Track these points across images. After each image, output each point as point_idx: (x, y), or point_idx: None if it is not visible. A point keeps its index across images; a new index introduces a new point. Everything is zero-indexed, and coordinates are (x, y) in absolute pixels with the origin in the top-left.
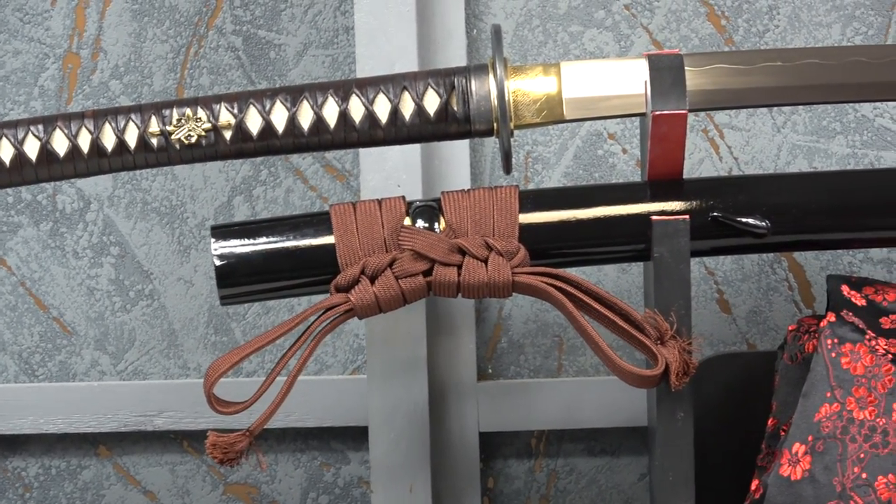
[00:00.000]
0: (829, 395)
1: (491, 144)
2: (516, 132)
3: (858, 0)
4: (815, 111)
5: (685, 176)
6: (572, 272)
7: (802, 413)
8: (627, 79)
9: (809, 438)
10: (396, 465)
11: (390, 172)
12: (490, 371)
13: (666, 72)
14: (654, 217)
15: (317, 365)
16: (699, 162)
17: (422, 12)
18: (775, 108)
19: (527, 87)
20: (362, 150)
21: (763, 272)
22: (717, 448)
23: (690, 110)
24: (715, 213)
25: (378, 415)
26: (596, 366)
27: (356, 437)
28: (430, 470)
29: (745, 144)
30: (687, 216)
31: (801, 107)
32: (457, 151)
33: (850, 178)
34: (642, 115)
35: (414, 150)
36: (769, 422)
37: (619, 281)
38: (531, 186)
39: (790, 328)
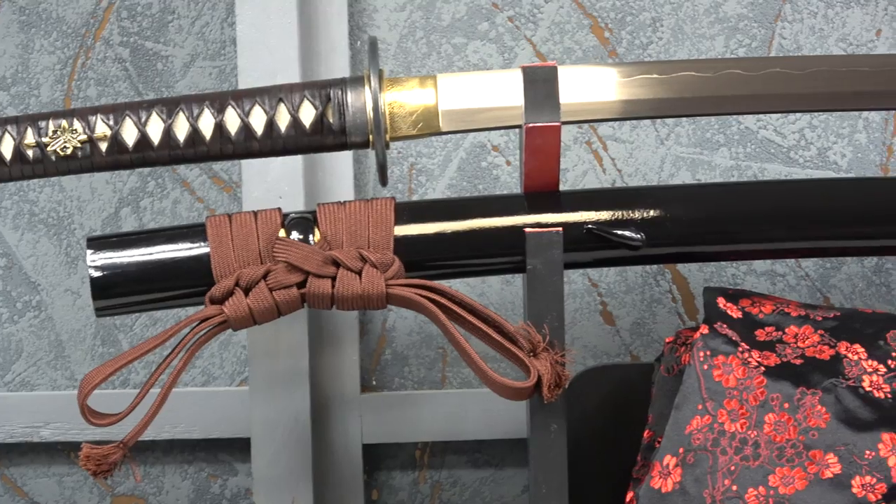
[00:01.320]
0: (700, 407)
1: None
2: (400, 144)
3: (742, 12)
4: (698, 123)
5: (570, 188)
6: (451, 284)
7: (674, 425)
8: (504, 91)
9: (680, 451)
10: (278, 477)
11: (272, 184)
12: (374, 383)
13: (540, 84)
14: (528, 229)
15: (204, 376)
16: (583, 174)
17: (305, 24)
18: (658, 121)
19: (403, 99)
20: (244, 162)
21: (647, 284)
22: (595, 459)
23: (564, 122)
24: (590, 226)
25: (260, 426)
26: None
27: (243, 448)
28: (313, 482)
29: (628, 156)
30: (560, 228)
31: (684, 119)
32: (340, 163)
33: (724, 191)
34: (518, 126)
35: (296, 161)
36: (645, 434)
37: (503, 293)
38: (415, 198)
39: (667, 340)
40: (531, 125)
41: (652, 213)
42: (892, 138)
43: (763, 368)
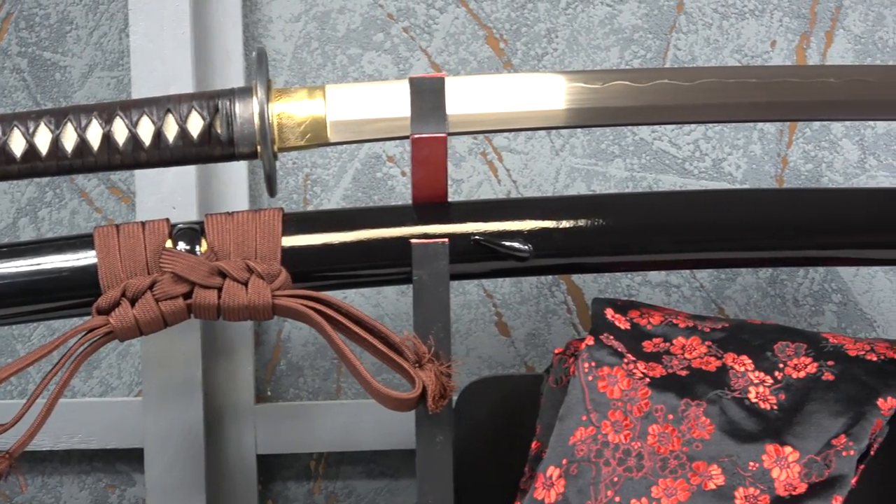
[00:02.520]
0: (584, 418)
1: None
2: (295, 154)
3: (636, 24)
4: (593, 134)
5: (465, 198)
6: (346, 294)
7: (558, 436)
8: (391, 102)
9: (564, 462)
10: (172, 488)
11: (166, 194)
12: (269, 393)
13: (427, 95)
14: (414, 240)
15: (102, 387)
16: (478, 185)
17: (199, 35)
18: (553, 132)
19: (292, 109)
20: (138, 172)
21: (542, 295)
22: (484, 471)
23: (452, 133)
24: (477, 237)
25: (153, 437)
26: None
27: (140, 459)
28: (206, 492)
29: (523, 167)
30: (447, 239)
31: (579, 130)
32: (235, 173)
33: (613, 201)
34: (406, 137)
35: (189, 171)
36: (533, 445)
37: (399, 303)
38: (311, 208)
39: (557, 351)
40: (417, 136)
41: (540, 224)
42: (787, 149)
43: (648, 380)
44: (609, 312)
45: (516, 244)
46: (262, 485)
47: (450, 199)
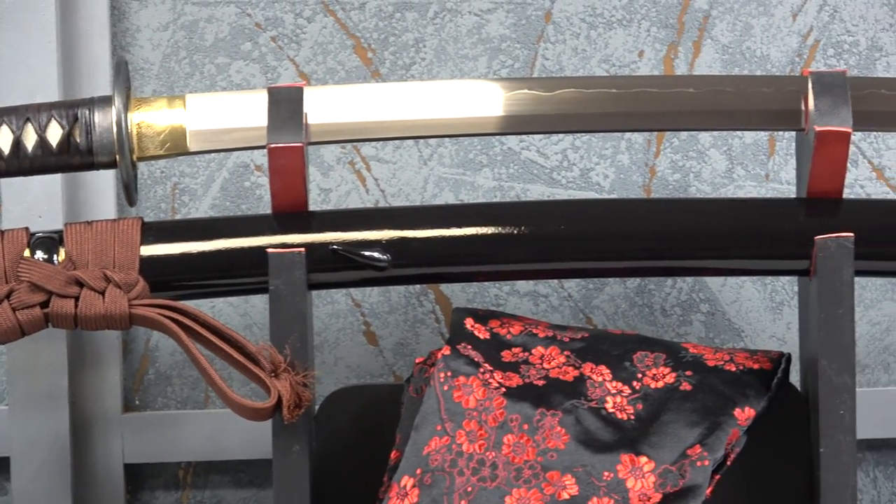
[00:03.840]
0: (439, 428)
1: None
2: (163, 163)
3: (504, 33)
4: (461, 144)
5: (333, 208)
6: (214, 304)
7: (413, 446)
8: (250, 111)
9: (418, 471)
10: (38, 497)
11: (32, 203)
12: (137, 402)
13: (284, 104)
14: (271, 250)
15: None
16: (346, 194)
17: (66, 44)
18: (421, 141)
19: (151, 119)
20: (4, 181)
21: (410, 304)
22: (346, 480)
23: (311, 143)
24: (335, 246)
25: (19, 445)
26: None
27: (7, 467)
28: (73, 501)
29: (391, 177)
30: (303, 249)
31: (447, 139)
32: (102, 182)
33: (472, 211)
34: (264, 147)
35: (56, 180)
36: (392, 454)
37: (266, 313)
38: (179, 218)
39: (417, 361)
40: (274, 146)
41: (399, 233)
42: (655, 159)
43: (504, 389)
44: (469, 322)
45: (375, 254)
46: (129, 494)
47: (317, 209)
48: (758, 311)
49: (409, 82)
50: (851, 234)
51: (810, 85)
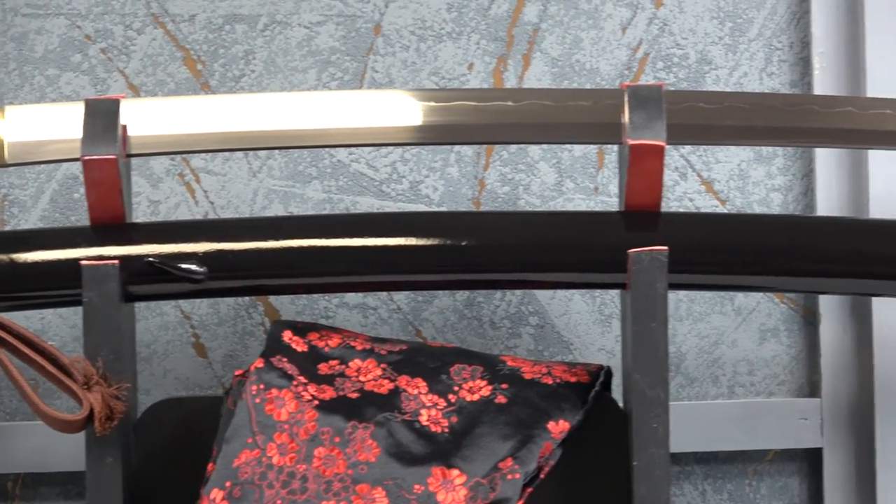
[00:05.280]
0: (250, 440)
1: None
2: None
3: (334, 46)
4: (290, 156)
5: (163, 219)
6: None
7: (224, 458)
8: (68, 123)
9: (227, 484)
10: None
11: None
12: None
13: (100, 117)
14: (84, 262)
15: None
16: (175, 206)
17: None
18: (251, 153)
19: None
20: None
21: (239, 316)
22: (166, 492)
23: (131, 155)
24: (151, 259)
25: None
26: (72, 409)
27: None
28: None
29: (221, 189)
30: (118, 261)
31: (276, 151)
32: None
33: (291, 223)
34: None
35: None
36: (209, 467)
37: None
38: (8, 229)
39: (237, 373)
40: (88, 158)
41: (216, 246)
42: (484, 172)
43: (317, 402)
44: (287, 335)
45: (192, 266)
46: None
47: (143, 220)
48: (586, 324)
49: (233, 95)
50: (665, 248)
51: (626, 98)
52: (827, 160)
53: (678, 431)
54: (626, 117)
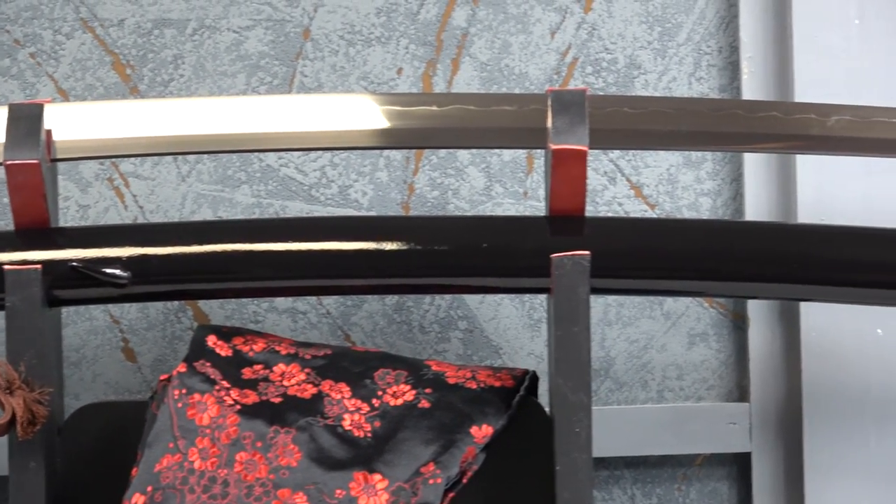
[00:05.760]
0: (172, 445)
1: None
2: None
3: (263, 50)
4: (220, 160)
5: (92, 224)
6: None
7: (145, 463)
8: None
9: (149, 489)
10: None
11: None
12: None
13: (23, 121)
14: (7, 266)
15: None
16: (105, 210)
17: None
18: (181, 158)
19: None
20: None
21: (168, 321)
22: (92, 497)
23: (56, 160)
24: (74, 263)
25: None
26: None
27: None
28: None
29: (150, 193)
30: (39, 266)
31: (206, 156)
32: None
33: (215, 228)
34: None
35: None
36: (133, 471)
37: None
38: None
39: (162, 378)
40: (10, 162)
41: (139, 250)
42: (414, 177)
43: (239, 407)
44: (211, 339)
45: (116, 271)
46: None
47: (71, 225)
48: (516, 329)
49: (159, 99)
50: (587, 253)
51: (549, 103)
52: (756, 165)
53: (607, 436)
54: (549, 122)
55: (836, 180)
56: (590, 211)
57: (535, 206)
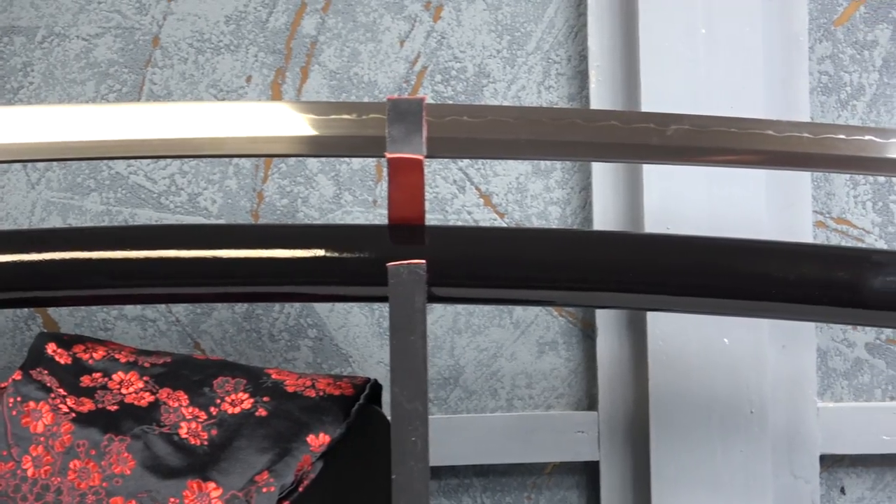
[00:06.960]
0: (5, 453)
1: None
2: None
3: (112, 58)
4: (69, 168)
5: None
6: None
7: None
8: None
9: None
10: None
11: None
12: None
13: None
14: None
15: None
16: None
17: None
18: (30, 165)
19: None
20: None
21: (18, 328)
22: None
23: None
24: None
25: None
26: None
27: None
28: None
29: None
30: None
31: (55, 163)
32: None
33: (50, 236)
34: None
35: None
36: None
37: None
38: None
39: (1, 386)
40: None
41: None
42: (263, 184)
43: (74, 415)
44: (51, 347)
45: None
46: None
47: None
48: (365, 337)
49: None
50: (423, 261)
51: (387, 112)
52: (604, 174)
53: (457, 444)
54: (387, 131)
55: (681, 189)
56: (439, 220)
57: (384, 214)
